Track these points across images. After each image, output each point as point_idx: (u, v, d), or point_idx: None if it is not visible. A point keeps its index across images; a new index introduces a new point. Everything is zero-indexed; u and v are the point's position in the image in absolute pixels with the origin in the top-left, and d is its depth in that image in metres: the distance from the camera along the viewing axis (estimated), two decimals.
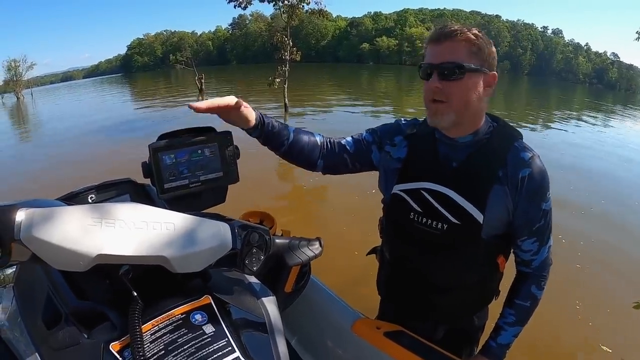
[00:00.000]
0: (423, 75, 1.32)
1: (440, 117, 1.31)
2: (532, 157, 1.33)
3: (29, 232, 0.73)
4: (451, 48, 1.27)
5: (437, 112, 1.31)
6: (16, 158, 11.46)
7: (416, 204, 1.44)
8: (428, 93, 1.31)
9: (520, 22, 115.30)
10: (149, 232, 0.83)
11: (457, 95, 1.28)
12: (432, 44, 1.31)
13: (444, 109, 1.29)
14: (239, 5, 16.25)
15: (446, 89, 1.27)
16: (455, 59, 1.25)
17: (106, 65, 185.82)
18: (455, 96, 1.28)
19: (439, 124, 1.33)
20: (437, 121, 1.32)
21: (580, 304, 3.91)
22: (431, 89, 1.28)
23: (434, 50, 1.29)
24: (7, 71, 52.83)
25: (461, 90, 1.28)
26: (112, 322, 0.87)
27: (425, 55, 1.34)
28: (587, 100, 37.06)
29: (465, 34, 1.27)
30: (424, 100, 1.35)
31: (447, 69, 1.26)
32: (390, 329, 1.36)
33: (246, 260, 0.96)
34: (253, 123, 1.34)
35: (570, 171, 8.78)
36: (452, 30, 1.27)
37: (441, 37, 1.28)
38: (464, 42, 1.27)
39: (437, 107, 1.30)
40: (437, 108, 1.30)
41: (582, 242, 5.23)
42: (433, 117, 1.32)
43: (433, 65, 1.28)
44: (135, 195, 1.49)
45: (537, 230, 1.38)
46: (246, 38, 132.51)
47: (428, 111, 1.35)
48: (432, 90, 1.28)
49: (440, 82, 1.26)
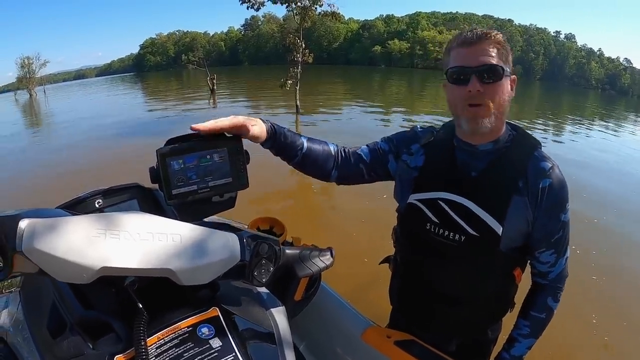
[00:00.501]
0: (455, 80, 1.28)
1: (481, 120, 1.27)
2: (552, 167, 1.31)
3: (31, 243, 0.72)
4: (486, 50, 1.25)
5: (478, 115, 1.27)
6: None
7: (433, 215, 1.41)
8: (464, 97, 1.27)
9: (533, 27, 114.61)
10: (155, 243, 0.82)
11: (496, 98, 1.26)
12: (462, 47, 1.28)
13: (485, 112, 1.26)
14: (252, 6, 16.28)
15: (486, 92, 1.24)
16: (493, 62, 1.24)
17: (119, 64, 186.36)
18: (494, 99, 1.26)
19: (481, 128, 1.29)
20: (478, 126, 1.28)
21: (597, 318, 3.81)
22: (472, 93, 1.24)
23: (466, 53, 1.26)
24: (21, 68, 53.44)
25: (499, 92, 1.26)
26: (117, 334, 0.87)
27: (451, 60, 1.31)
28: (605, 109, 36.56)
29: (496, 36, 1.26)
30: (455, 106, 1.33)
31: (489, 72, 1.24)
32: (401, 338, 1.35)
33: (255, 271, 0.95)
34: (264, 138, 1.30)
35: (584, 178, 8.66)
36: (485, 32, 1.26)
37: (475, 39, 1.25)
38: (496, 44, 1.25)
39: (477, 111, 1.27)
40: (476, 112, 1.27)
41: (595, 252, 5.13)
42: (472, 121, 1.29)
43: (471, 68, 1.24)
44: (143, 200, 1.49)
45: (555, 242, 1.35)
46: (258, 39, 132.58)
47: (463, 117, 1.30)
48: (473, 94, 1.24)
49: (481, 85, 1.23)
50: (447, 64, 1.33)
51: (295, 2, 15.64)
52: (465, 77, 1.25)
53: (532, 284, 1.50)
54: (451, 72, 1.29)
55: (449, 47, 1.33)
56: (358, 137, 11.29)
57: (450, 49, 1.32)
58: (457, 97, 1.29)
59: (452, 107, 1.34)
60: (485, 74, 1.24)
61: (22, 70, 53.20)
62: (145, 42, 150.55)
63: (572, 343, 3.46)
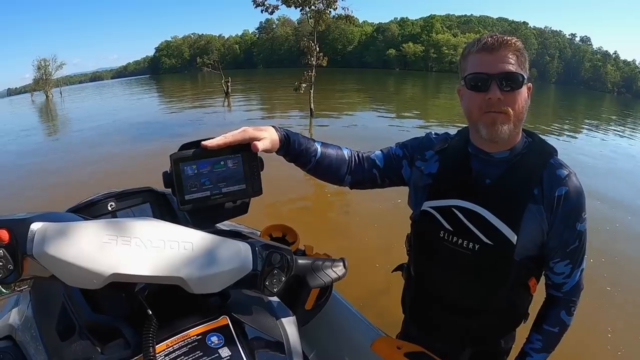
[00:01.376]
0: (474, 86, 1.26)
1: (500, 127, 1.24)
2: (569, 174, 1.29)
3: (41, 248, 0.72)
4: (507, 57, 1.23)
5: (497, 122, 1.24)
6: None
7: (447, 222, 1.40)
8: (482, 105, 1.25)
9: (548, 29, 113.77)
10: (166, 251, 0.82)
11: (515, 105, 1.24)
12: (483, 52, 1.25)
13: (504, 119, 1.24)
14: (266, 10, 16.34)
15: (506, 100, 1.22)
16: (513, 69, 1.22)
17: (134, 66, 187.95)
18: (514, 106, 1.24)
19: (500, 135, 1.26)
20: (497, 132, 1.25)
21: (612, 332, 3.73)
22: (492, 100, 1.22)
23: (486, 59, 1.24)
24: (37, 70, 54.03)
25: (519, 100, 1.24)
26: (126, 339, 0.86)
27: (469, 65, 1.29)
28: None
29: (516, 43, 1.24)
30: (470, 113, 1.31)
31: (509, 79, 1.22)
32: (411, 350, 1.32)
33: (267, 281, 0.94)
34: (276, 148, 1.29)
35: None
36: (506, 39, 1.23)
37: (495, 45, 1.23)
38: (516, 51, 1.23)
39: (496, 117, 1.24)
40: (495, 118, 1.24)
41: (608, 260, 5.01)
42: (491, 128, 1.26)
43: (492, 75, 1.22)
44: (156, 204, 1.49)
45: (571, 252, 1.33)
46: (273, 42, 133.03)
47: (482, 122, 1.28)
48: (493, 102, 1.22)
49: (501, 92, 1.22)
50: (464, 69, 1.31)
51: (309, 5, 15.65)
52: (484, 83, 1.23)
53: (546, 296, 1.47)
54: (470, 78, 1.27)
55: (467, 52, 1.31)
56: (373, 141, 11.27)
57: (468, 54, 1.30)
58: (475, 104, 1.27)
59: (469, 114, 1.32)
60: (505, 81, 1.22)
61: (39, 72, 53.90)
62: (161, 45, 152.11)
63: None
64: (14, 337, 0.99)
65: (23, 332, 0.96)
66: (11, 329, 1.00)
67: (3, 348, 0.96)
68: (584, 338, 3.42)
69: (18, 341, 0.96)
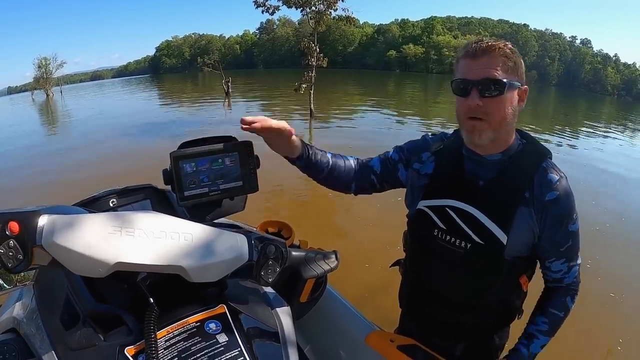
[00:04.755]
0: (458, 92, 1.29)
1: (478, 135, 1.28)
2: (560, 179, 1.32)
3: (50, 238, 0.77)
4: (489, 64, 1.24)
5: (475, 129, 1.28)
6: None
7: (440, 221, 1.44)
8: (465, 110, 1.28)
9: (549, 32, 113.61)
10: (167, 241, 0.86)
11: (496, 112, 1.26)
12: (467, 58, 1.28)
13: (483, 126, 1.27)
14: (267, 10, 16.35)
15: (486, 106, 1.25)
16: (495, 76, 1.23)
17: (135, 65, 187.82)
18: (494, 113, 1.26)
19: (477, 142, 1.31)
20: (475, 139, 1.30)
21: (622, 344, 3.59)
22: (471, 107, 1.25)
23: (470, 66, 1.27)
24: (38, 69, 53.88)
25: (500, 107, 1.26)
26: (128, 327, 0.90)
27: (457, 70, 1.32)
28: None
29: (502, 49, 1.25)
30: (458, 117, 1.34)
31: (489, 87, 1.23)
32: (404, 343, 1.35)
33: (262, 271, 0.98)
34: (298, 154, 1.38)
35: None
36: (490, 45, 1.25)
37: (478, 52, 1.25)
38: (502, 57, 1.25)
39: (475, 124, 1.28)
40: (474, 126, 1.28)
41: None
42: (470, 134, 1.30)
43: (472, 81, 1.25)
44: (156, 201, 1.52)
45: (565, 251, 1.37)
46: (273, 42, 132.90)
47: (464, 129, 1.33)
48: (472, 108, 1.25)
49: (481, 99, 1.24)
50: (454, 73, 1.34)
51: (310, 6, 15.68)
52: (465, 89, 1.27)
53: (546, 287, 1.50)
54: (455, 83, 1.30)
55: (457, 56, 1.34)
56: (372, 142, 11.39)
57: (458, 59, 1.33)
58: (461, 109, 1.31)
59: (457, 118, 1.36)
60: (486, 88, 1.24)
61: (39, 70, 53.76)
62: (161, 45, 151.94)
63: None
64: (17, 330, 1.02)
65: (27, 324, 0.99)
66: (15, 321, 1.03)
67: (7, 340, 0.99)
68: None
69: (22, 334, 0.99)
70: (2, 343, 0.97)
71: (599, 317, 3.81)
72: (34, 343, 0.92)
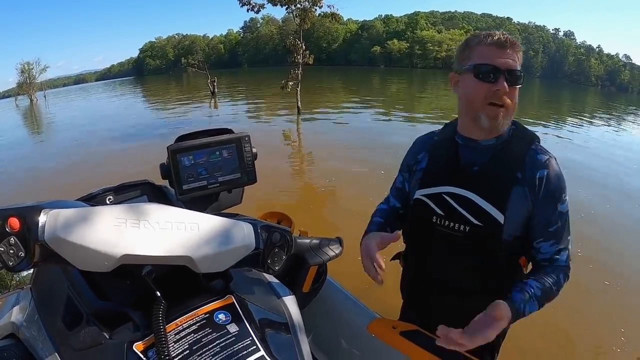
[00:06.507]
0: (483, 77, 1.34)
1: (502, 120, 1.35)
2: (549, 159, 1.38)
3: (53, 233, 0.75)
4: (514, 56, 1.34)
5: (499, 115, 1.34)
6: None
7: (439, 208, 1.48)
8: (488, 95, 1.33)
9: (532, 25, 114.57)
10: (174, 232, 0.85)
11: (513, 100, 1.35)
12: (494, 47, 1.34)
13: (505, 113, 1.35)
14: (252, 9, 16.26)
15: (509, 94, 1.33)
16: (518, 67, 1.34)
17: (118, 68, 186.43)
18: (514, 101, 1.35)
19: (499, 127, 1.38)
20: (498, 124, 1.37)
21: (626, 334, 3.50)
22: (499, 93, 1.31)
23: (498, 54, 1.33)
24: (21, 74, 53.31)
25: (516, 96, 1.36)
26: (134, 323, 0.88)
27: (474, 55, 1.37)
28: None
29: (519, 45, 1.36)
30: (473, 101, 1.38)
31: (515, 76, 1.33)
32: (406, 329, 1.36)
33: (268, 260, 0.97)
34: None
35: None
36: (514, 40, 1.35)
37: (507, 43, 1.33)
38: (519, 52, 1.36)
39: (499, 111, 1.34)
40: (498, 112, 1.34)
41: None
42: (493, 120, 1.35)
43: (501, 69, 1.31)
44: (153, 196, 1.50)
45: (554, 233, 1.39)
46: (257, 41, 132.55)
47: (484, 113, 1.36)
48: (501, 93, 1.31)
49: (508, 87, 1.31)
50: (469, 57, 1.39)
51: (295, 3, 15.63)
52: (494, 76, 1.32)
53: (536, 266, 1.45)
54: (481, 68, 1.34)
55: (475, 43, 1.38)
56: (360, 136, 11.38)
57: (477, 45, 1.37)
58: (480, 93, 1.35)
59: (469, 102, 1.39)
60: (511, 76, 1.32)
61: (23, 75, 53.11)
62: (145, 46, 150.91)
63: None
64: (17, 335, 0.98)
65: (27, 328, 0.96)
66: (14, 326, 1.00)
67: (6, 346, 0.95)
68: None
69: (22, 338, 0.96)
70: (2, 349, 0.94)
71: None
72: (36, 347, 0.90)
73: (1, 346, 0.95)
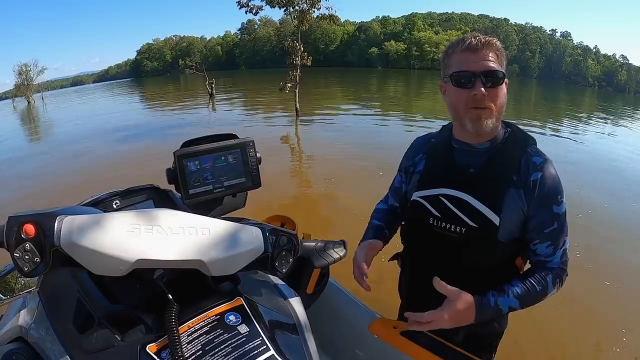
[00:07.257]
0: (460, 83, 1.36)
1: (485, 122, 1.35)
2: (544, 161, 1.39)
3: (69, 239, 0.77)
4: (488, 56, 1.34)
5: (481, 117, 1.35)
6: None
7: (435, 210, 1.50)
8: (469, 101, 1.35)
9: (529, 25, 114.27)
10: (186, 237, 0.87)
11: (498, 100, 1.35)
12: (466, 52, 1.36)
13: (488, 114, 1.35)
14: (250, 10, 16.25)
15: (489, 96, 1.33)
16: (495, 67, 1.33)
17: (116, 69, 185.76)
18: (496, 102, 1.35)
19: (484, 129, 1.37)
20: (482, 126, 1.36)
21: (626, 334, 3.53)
22: (477, 96, 1.32)
23: (471, 59, 1.34)
24: (18, 75, 53.09)
25: (500, 95, 1.36)
26: (146, 325, 0.90)
27: (452, 64, 1.40)
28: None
29: (496, 43, 1.36)
30: (455, 108, 1.41)
31: (494, 77, 1.33)
32: (406, 328, 1.38)
33: (276, 262, 1.00)
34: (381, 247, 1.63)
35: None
36: (488, 39, 1.35)
37: (479, 45, 1.34)
38: (497, 51, 1.35)
39: (480, 113, 1.35)
40: (480, 114, 1.35)
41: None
42: (476, 122, 1.36)
43: (475, 73, 1.32)
44: (159, 201, 1.52)
45: (550, 234, 1.40)
46: (255, 43, 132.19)
47: (467, 117, 1.38)
48: (479, 98, 1.32)
49: (485, 89, 1.32)
50: (448, 66, 1.42)
51: (293, 5, 15.63)
52: (469, 81, 1.34)
53: (530, 266, 1.50)
54: (456, 75, 1.37)
55: (451, 51, 1.41)
56: (359, 136, 11.44)
57: (453, 53, 1.40)
58: (461, 100, 1.37)
59: (454, 109, 1.42)
60: (488, 78, 1.33)
61: (20, 77, 52.94)
62: (142, 48, 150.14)
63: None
64: (25, 339, 0.98)
65: (36, 332, 0.96)
66: (22, 330, 0.99)
67: (16, 349, 0.95)
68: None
69: (31, 342, 0.96)
70: (11, 352, 0.94)
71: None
72: (46, 350, 0.90)
73: (11, 349, 0.95)
